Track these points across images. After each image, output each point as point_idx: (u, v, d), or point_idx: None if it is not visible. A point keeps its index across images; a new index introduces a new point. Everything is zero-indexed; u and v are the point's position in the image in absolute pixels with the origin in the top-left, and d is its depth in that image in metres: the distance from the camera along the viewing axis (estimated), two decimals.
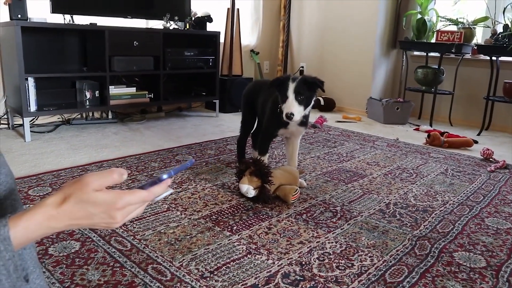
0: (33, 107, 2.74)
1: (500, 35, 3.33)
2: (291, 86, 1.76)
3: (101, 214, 0.62)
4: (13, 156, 2.34)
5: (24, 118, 2.67)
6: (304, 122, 1.94)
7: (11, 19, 2.63)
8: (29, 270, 0.80)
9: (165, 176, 0.66)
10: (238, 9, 4.13)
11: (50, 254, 1.32)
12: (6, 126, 3.00)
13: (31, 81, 2.70)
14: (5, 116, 3.01)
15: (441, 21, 3.77)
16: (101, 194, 0.61)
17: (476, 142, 3.10)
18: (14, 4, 2.60)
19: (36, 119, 3.12)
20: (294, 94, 1.76)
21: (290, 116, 1.74)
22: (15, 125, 3.00)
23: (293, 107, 1.75)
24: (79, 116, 3.32)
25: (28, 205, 1.68)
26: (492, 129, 3.68)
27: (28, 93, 2.69)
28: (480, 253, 1.45)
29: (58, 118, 3.25)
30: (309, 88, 1.80)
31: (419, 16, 3.83)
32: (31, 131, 2.76)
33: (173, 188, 1.51)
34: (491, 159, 2.65)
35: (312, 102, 1.87)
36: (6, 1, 2.61)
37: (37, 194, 1.78)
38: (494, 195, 2.04)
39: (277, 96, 1.89)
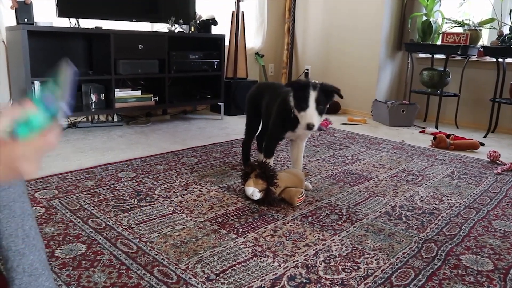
0: None
1: (506, 37, 3.32)
2: (313, 95, 1.73)
3: None
4: None
5: None
6: None
7: (17, 23, 2.65)
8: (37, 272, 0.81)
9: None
10: (243, 12, 4.14)
11: (56, 256, 1.32)
12: None
13: (37, 85, 2.72)
14: None
15: (446, 23, 3.76)
16: None
17: (482, 144, 3.08)
18: (21, 8, 2.63)
19: None
20: (315, 104, 1.74)
21: (311, 126, 1.73)
22: None
23: (314, 118, 1.73)
24: (84, 119, 3.34)
25: (34, 207, 1.69)
26: (498, 131, 3.66)
27: (34, 96, 2.70)
28: (488, 256, 1.44)
29: (64, 121, 3.27)
30: (326, 97, 1.79)
31: (424, 18, 3.81)
32: None
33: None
34: (498, 162, 2.63)
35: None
36: (12, 5, 2.63)
37: (44, 197, 1.79)
38: (501, 197, 2.02)
39: (284, 98, 1.88)
